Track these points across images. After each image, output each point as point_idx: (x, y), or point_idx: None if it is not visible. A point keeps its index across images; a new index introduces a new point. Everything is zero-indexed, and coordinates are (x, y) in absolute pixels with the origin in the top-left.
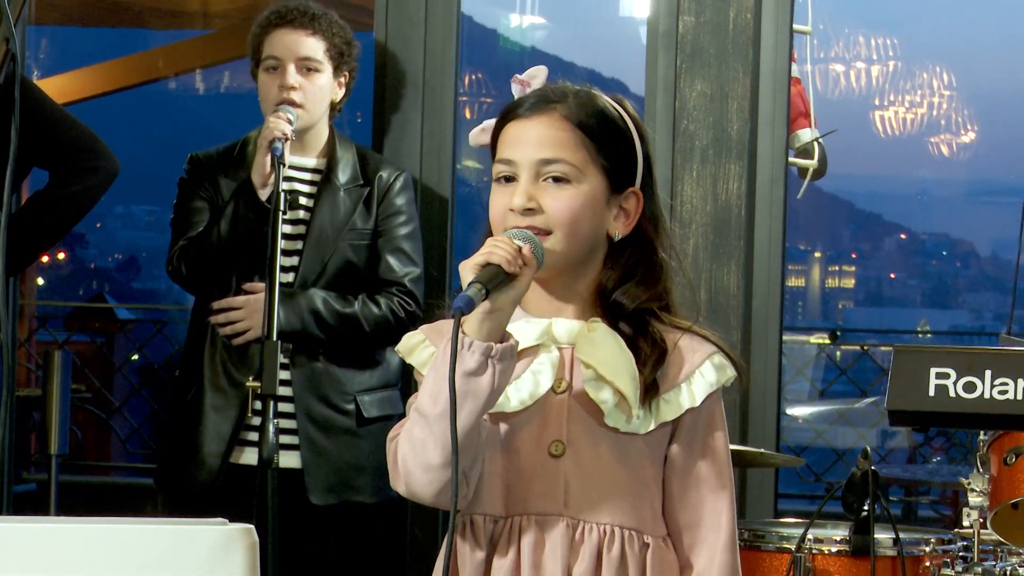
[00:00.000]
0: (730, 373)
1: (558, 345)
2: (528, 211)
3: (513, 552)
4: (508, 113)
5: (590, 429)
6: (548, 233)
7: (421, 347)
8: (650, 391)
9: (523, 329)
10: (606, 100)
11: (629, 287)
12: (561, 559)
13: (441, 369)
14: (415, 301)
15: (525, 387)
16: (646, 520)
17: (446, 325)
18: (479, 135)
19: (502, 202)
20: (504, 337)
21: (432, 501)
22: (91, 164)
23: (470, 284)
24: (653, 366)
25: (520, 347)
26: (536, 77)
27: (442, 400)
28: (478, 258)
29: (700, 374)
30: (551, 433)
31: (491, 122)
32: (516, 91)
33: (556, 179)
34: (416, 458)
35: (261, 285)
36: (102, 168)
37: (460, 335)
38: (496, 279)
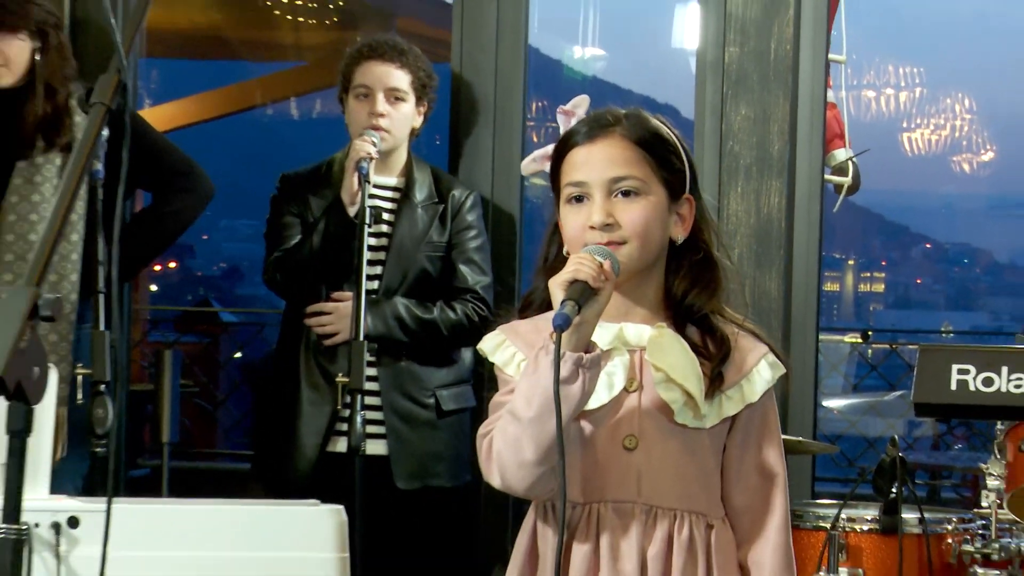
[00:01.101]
0: (781, 370)
1: (629, 348)
2: (607, 226)
3: (592, 536)
4: (567, 141)
5: (660, 425)
6: (624, 243)
7: (502, 347)
8: (714, 385)
9: (596, 334)
10: (654, 119)
11: (696, 293)
12: (637, 542)
13: (532, 377)
14: (487, 306)
15: (601, 388)
16: (709, 504)
17: (522, 326)
18: (531, 164)
19: (578, 220)
20: (590, 347)
21: (524, 493)
22: (188, 186)
23: (564, 302)
24: (719, 362)
25: None
26: (580, 106)
27: (536, 404)
28: (565, 275)
29: (757, 372)
30: (625, 428)
31: (543, 151)
32: (562, 121)
33: (626, 193)
34: (511, 455)
35: (349, 294)
36: (198, 190)
37: (552, 347)
38: (584, 295)
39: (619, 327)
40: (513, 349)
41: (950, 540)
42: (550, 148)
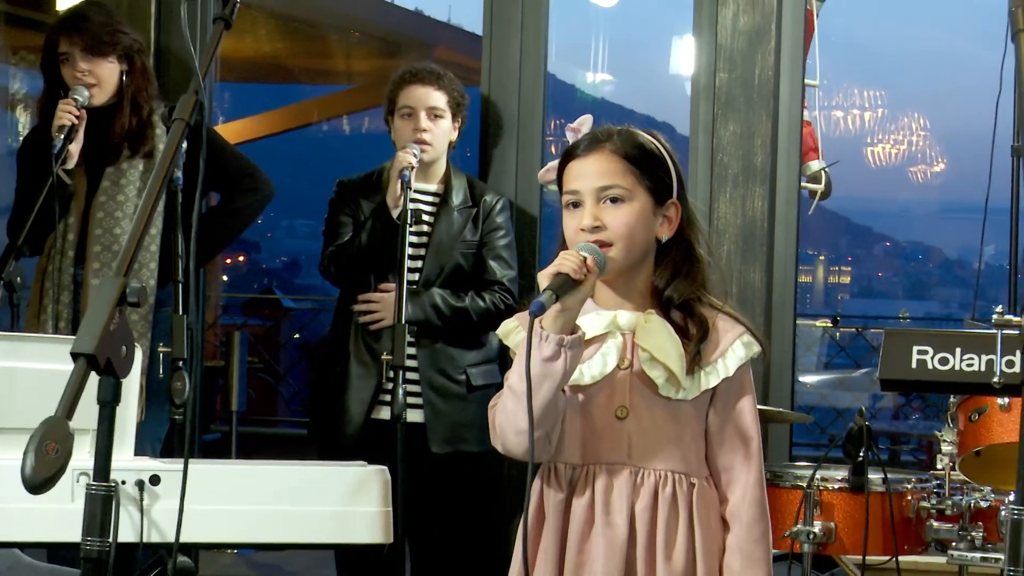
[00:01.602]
0: (756, 349)
1: (622, 332)
2: (595, 228)
3: (588, 493)
4: (568, 155)
5: (647, 397)
6: (610, 245)
7: (515, 332)
8: (695, 361)
9: (594, 320)
10: (643, 135)
11: (676, 283)
12: (626, 498)
13: (523, 356)
14: (512, 296)
15: (596, 366)
16: (692, 465)
17: None
18: (544, 175)
19: (573, 223)
20: (574, 330)
21: (522, 456)
22: (252, 186)
23: (543, 291)
24: (698, 341)
25: (592, 334)
26: (584, 124)
27: (526, 380)
28: (551, 268)
29: (732, 351)
30: (617, 400)
31: (553, 164)
32: (570, 136)
33: (613, 200)
34: (509, 424)
35: (392, 285)
36: (261, 189)
37: (539, 329)
38: (565, 286)
39: (614, 314)
40: (524, 334)
41: (910, 497)
42: (558, 160)
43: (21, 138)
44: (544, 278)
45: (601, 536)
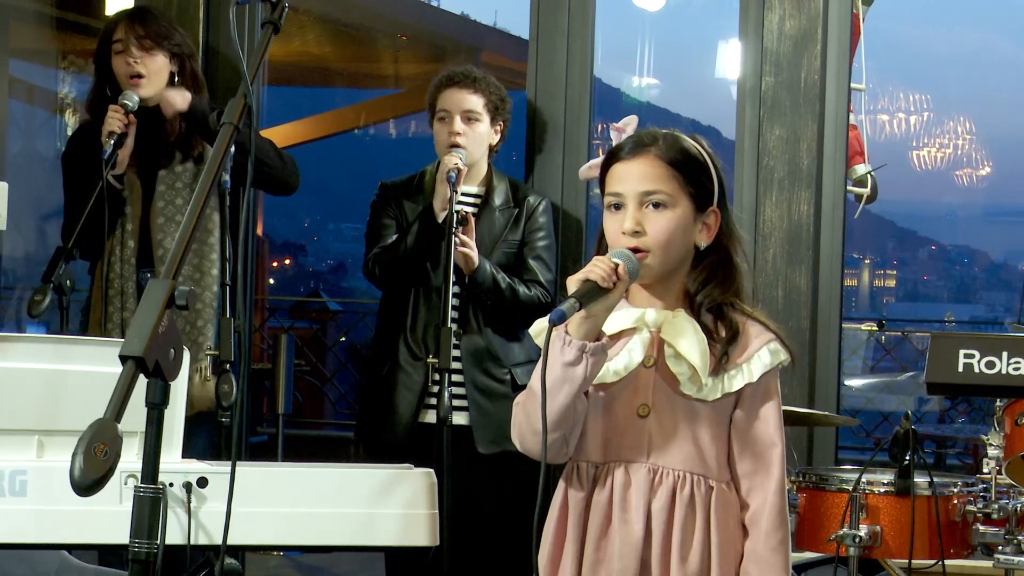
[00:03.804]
0: (783, 356)
1: (649, 329)
2: (635, 233)
3: (607, 490)
4: (613, 156)
5: (669, 396)
6: (648, 252)
7: (545, 332)
8: (721, 363)
9: (623, 316)
10: (688, 140)
11: (709, 289)
12: (644, 496)
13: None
14: (550, 295)
15: (621, 361)
16: (711, 468)
17: None
18: (587, 171)
19: (614, 225)
20: (599, 337)
21: (538, 457)
22: (283, 156)
23: (567, 299)
24: (727, 343)
25: (619, 329)
26: (629, 124)
27: (548, 382)
28: (579, 274)
29: (758, 356)
30: (639, 398)
31: (596, 161)
32: (614, 136)
33: (655, 205)
34: (527, 424)
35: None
36: (288, 163)
37: (563, 333)
38: (590, 293)
39: (642, 311)
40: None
41: (956, 501)
42: (602, 158)
43: (67, 139)
44: (572, 284)
45: (618, 534)
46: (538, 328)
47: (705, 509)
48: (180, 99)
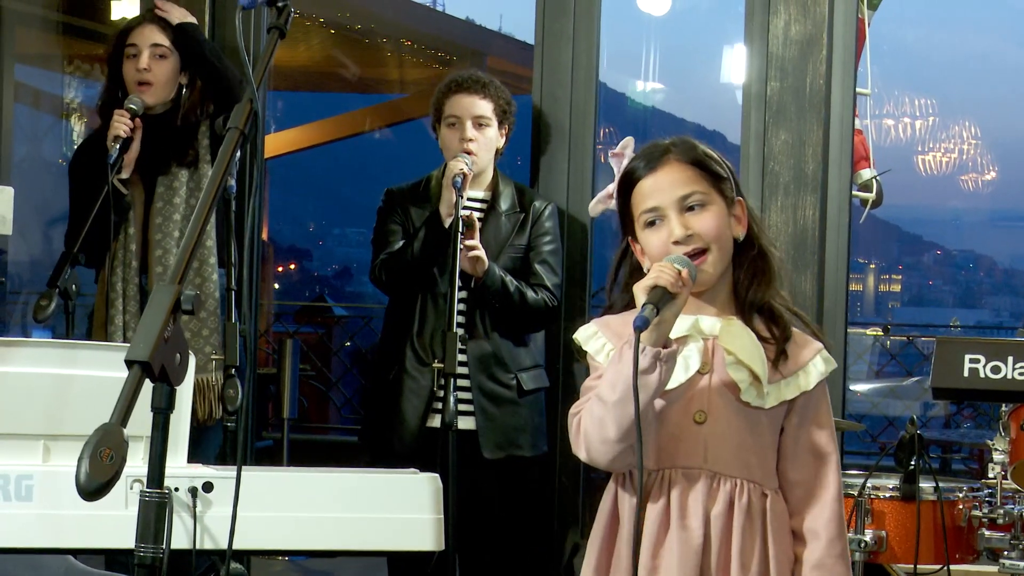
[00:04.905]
0: (833, 365)
1: (703, 336)
2: (688, 238)
3: (664, 497)
4: (631, 177)
5: (727, 402)
6: (706, 250)
7: (595, 338)
8: (777, 365)
9: (677, 324)
10: (695, 140)
11: (755, 287)
12: (702, 503)
13: (616, 366)
14: (556, 299)
15: (678, 369)
16: (764, 475)
17: (613, 321)
18: (596, 206)
19: (660, 239)
20: (668, 343)
21: (606, 466)
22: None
23: (644, 305)
24: (783, 341)
25: (673, 336)
26: (627, 147)
27: (619, 390)
28: (647, 281)
29: (813, 365)
30: (696, 404)
31: (604, 193)
32: (614, 163)
33: (694, 207)
34: (596, 433)
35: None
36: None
37: (636, 342)
38: (663, 299)
39: (695, 319)
40: (603, 340)
41: (961, 506)
42: (611, 187)
43: (76, 147)
44: (641, 292)
45: (676, 540)
46: (586, 334)
47: (762, 517)
48: (178, 14)
